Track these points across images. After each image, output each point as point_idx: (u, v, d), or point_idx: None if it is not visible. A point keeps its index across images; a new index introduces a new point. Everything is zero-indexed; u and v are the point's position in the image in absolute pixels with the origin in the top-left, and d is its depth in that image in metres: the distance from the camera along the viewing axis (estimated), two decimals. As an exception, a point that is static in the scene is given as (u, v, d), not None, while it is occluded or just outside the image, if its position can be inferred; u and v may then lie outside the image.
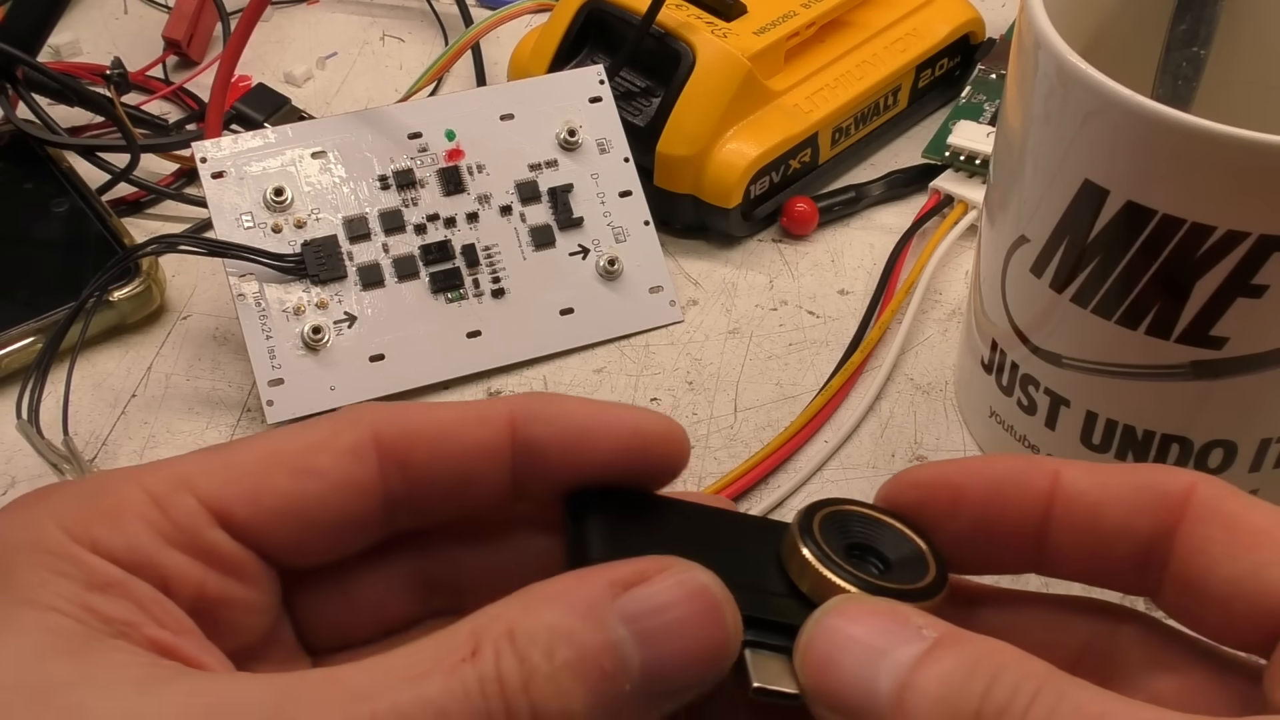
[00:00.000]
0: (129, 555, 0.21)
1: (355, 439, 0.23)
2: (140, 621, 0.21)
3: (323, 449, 0.23)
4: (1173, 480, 0.22)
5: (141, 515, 0.22)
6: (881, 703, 0.20)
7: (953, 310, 0.48)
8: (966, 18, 0.55)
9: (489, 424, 0.23)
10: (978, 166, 0.50)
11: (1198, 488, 0.22)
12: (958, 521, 0.24)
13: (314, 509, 0.23)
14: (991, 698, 0.19)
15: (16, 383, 0.42)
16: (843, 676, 0.20)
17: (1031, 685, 0.19)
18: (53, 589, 0.20)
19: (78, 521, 0.21)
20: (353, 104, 0.57)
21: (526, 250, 0.47)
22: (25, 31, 0.52)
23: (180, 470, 0.22)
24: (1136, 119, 0.32)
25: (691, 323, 0.47)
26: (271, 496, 0.22)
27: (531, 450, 0.23)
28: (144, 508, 0.22)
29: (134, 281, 0.46)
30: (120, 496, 0.22)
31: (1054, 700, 0.19)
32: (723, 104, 0.48)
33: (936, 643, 0.20)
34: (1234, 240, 0.32)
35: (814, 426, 0.43)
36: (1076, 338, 0.36)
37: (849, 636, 0.21)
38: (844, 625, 0.21)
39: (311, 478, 0.23)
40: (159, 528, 0.22)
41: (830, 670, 0.21)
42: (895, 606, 0.21)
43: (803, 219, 0.50)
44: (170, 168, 0.53)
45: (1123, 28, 0.40)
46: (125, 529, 0.21)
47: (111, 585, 0.21)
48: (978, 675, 0.20)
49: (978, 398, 0.42)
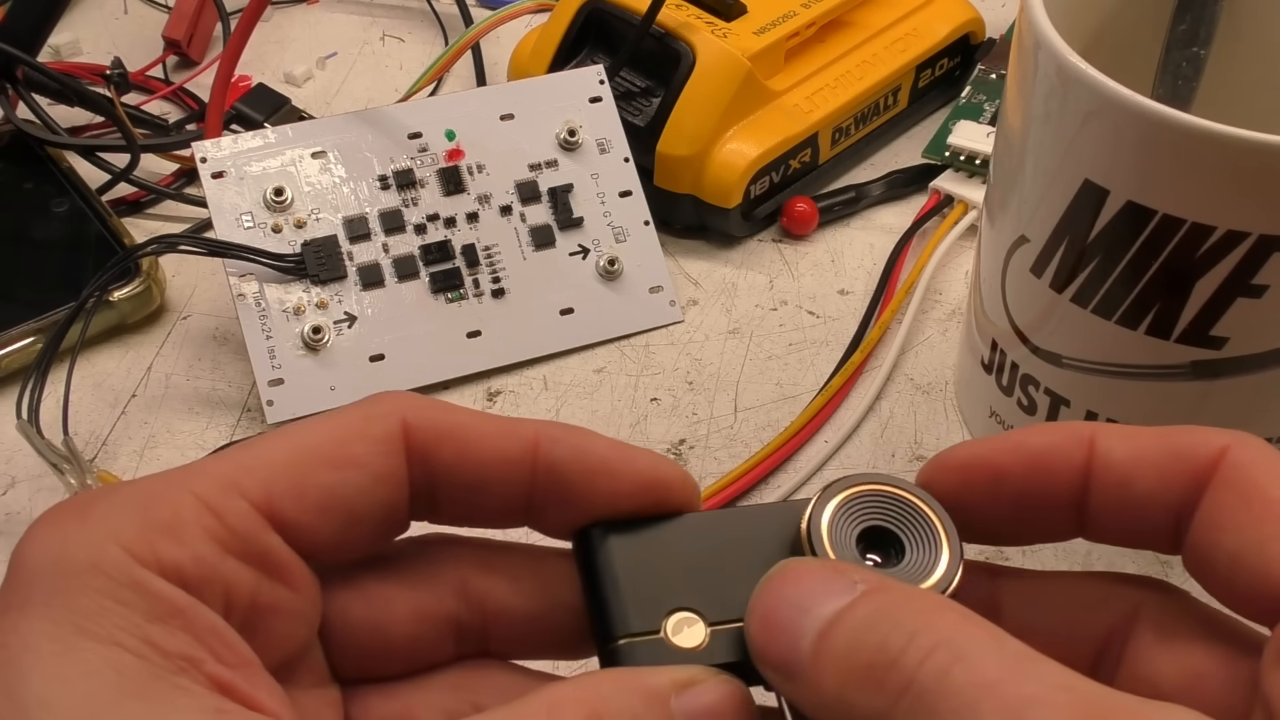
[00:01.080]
0: (195, 569, 0.21)
1: (386, 428, 0.23)
2: (201, 657, 0.20)
3: (358, 438, 0.23)
4: (1205, 444, 0.22)
5: (201, 524, 0.21)
6: (804, 656, 0.20)
7: (953, 310, 0.48)
8: (966, 18, 0.55)
9: (514, 438, 0.23)
10: (978, 166, 0.50)
11: (1230, 451, 0.22)
12: (999, 503, 0.24)
13: (355, 501, 0.23)
14: (885, 646, 0.19)
15: (16, 383, 0.42)
16: (776, 635, 0.21)
17: (929, 638, 0.19)
18: (114, 620, 0.19)
19: (139, 537, 0.20)
20: (353, 104, 0.57)
21: (526, 250, 0.47)
22: (25, 31, 0.52)
23: (225, 471, 0.22)
24: (1136, 119, 0.32)
25: (691, 323, 0.47)
26: (315, 491, 0.22)
27: (552, 473, 0.23)
28: (201, 516, 0.21)
29: (134, 281, 0.46)
30: (176, 505, 0.21)
31: (948, 660, 0.19)
32: (723, 104, 0.48)
33: (861, 595, 0.20)
34: (1234, 240, 0.32)
35: (814, 426, 0.43)
36: (1076, 338, 0.36)
37: (782, 597, 0.21)
38: (781, 586, 0.21)
39: (352, 469, 0.22)
40: (218, 536, 0.21)
41: (766, 630, 0.21)
42: (839, 566, 0.21)
43: (803, 219, 0.50)
44: (170, 168, 0.53)
45: (1123, 28, 0.40)
46: (188, 541, 0.21)
47: (173, 615, 0.20)
48: (880, 624, 0.20)
49: (978, 398, 0.42)
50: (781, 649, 0.21)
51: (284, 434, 0.23)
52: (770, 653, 0.21)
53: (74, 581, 0.20)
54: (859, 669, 0.19)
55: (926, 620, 0.19)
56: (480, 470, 0.23)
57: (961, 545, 0.24)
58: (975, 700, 0.18)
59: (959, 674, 0.19)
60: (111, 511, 0.21)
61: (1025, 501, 0.23)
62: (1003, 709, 0.18)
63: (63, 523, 0.21)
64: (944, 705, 0.18)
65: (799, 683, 0.20)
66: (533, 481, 0.24)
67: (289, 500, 0.22)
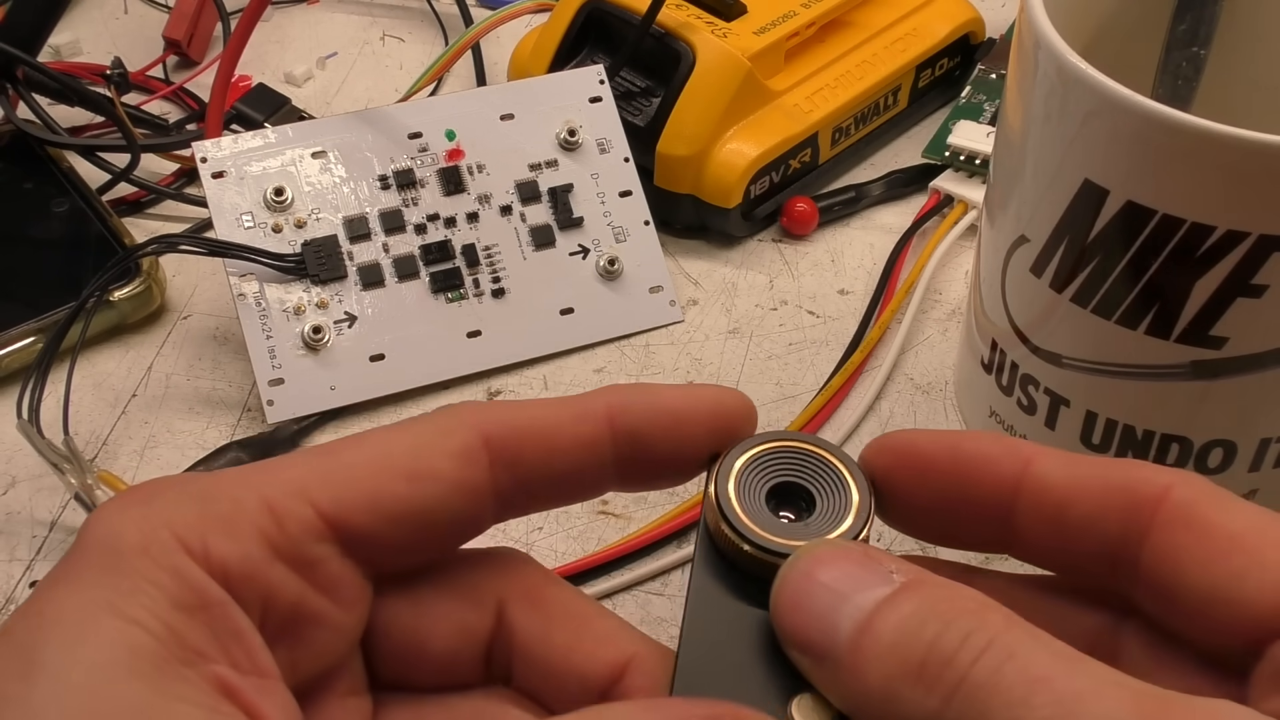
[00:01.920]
0: (240, 567, 0.21)
1: (464, 440, 0.23)
2: (213, 655, 0.20)
3: (434, 451, 0.23)
4: (1149, 480, 0.22)
5: (257, 525, 0.21)
6: (842, 645, 0.20)
7: (953, 310, 0.48)
8: (966, 18, 0.55)
9: (589, 419, 0.24)
10: (978, 166, 0.50)
11: (1173, 490, 0.22)
12: (921, 492, 0.24)
13: (429, 513, 0.23)
14: (939, 646, 0.19)
15: (16, 383, 0.42)
16: (809, 618, 0.21)
17: (982, 637, 0.19)
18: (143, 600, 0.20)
19: (193, 526, 0.21)
20: (353, 104, 0.57)
21: (526, 250, 0.47)
22: (25, 31, 0.52)
23: (298, 477, 0.22)
24: (1136, 119, 0.32)
25: (691, 323, 0.47)
26: (390, 502, 0.22)
27: (632, 439, 0.24)
28: (260, 517, 0.21)
29: (134, 281, 0.46)
30: (238, 502, 0.21)
31: (1001, 657, 0.19)
32: (723, 104, 0.48)
33: (902, 587, 0.20)
34: (1234, 240, 0.32)
35: (814, 426, 0.43)
36: (1076, 338, 0.36)
37: (817, 581, 0.21)
38: (814, 569, 0.21)
39: (428, 482, 0.23)
40: (272, 539, 0.21)
41: (798, 612, 0.21)
42: (868, 550, 0.21)
43: (803, 219, 0.50)
44: (170, 168, 0.53)
45: (1123, 28, 0.40)
46: (240, 539, 0.21)
47: (201, 608, 0.20)
48: (931, 621, 0.20)
49: (978, 398, 0.42)
50: (815, 633, 0.21)
51: (362, 442, 0.23)
52: (802, 636, 0.21)
53: (120, 560, 0.20)
54: (911, 665, 0.19)
55: (978, 619, 0.20)
56: (567, 462, 0.24)
57: (872, 493, 0.24)
58: (1027, 695, 0.18)
59: (1011, 670, 0.19)
60: (176, 499, 0.21)
61: (947, 500, 0.24)
62: (1055, 702, 0.18)
63: (129, 505, 0.21)
64: (996, 700, 0.19)
65: (835, 670, 0.20)
66: (615, 453, 0.24)
67: (361, 511, 0.22)
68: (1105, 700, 0.18)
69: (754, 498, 0.24)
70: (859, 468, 0.24)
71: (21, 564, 0.40)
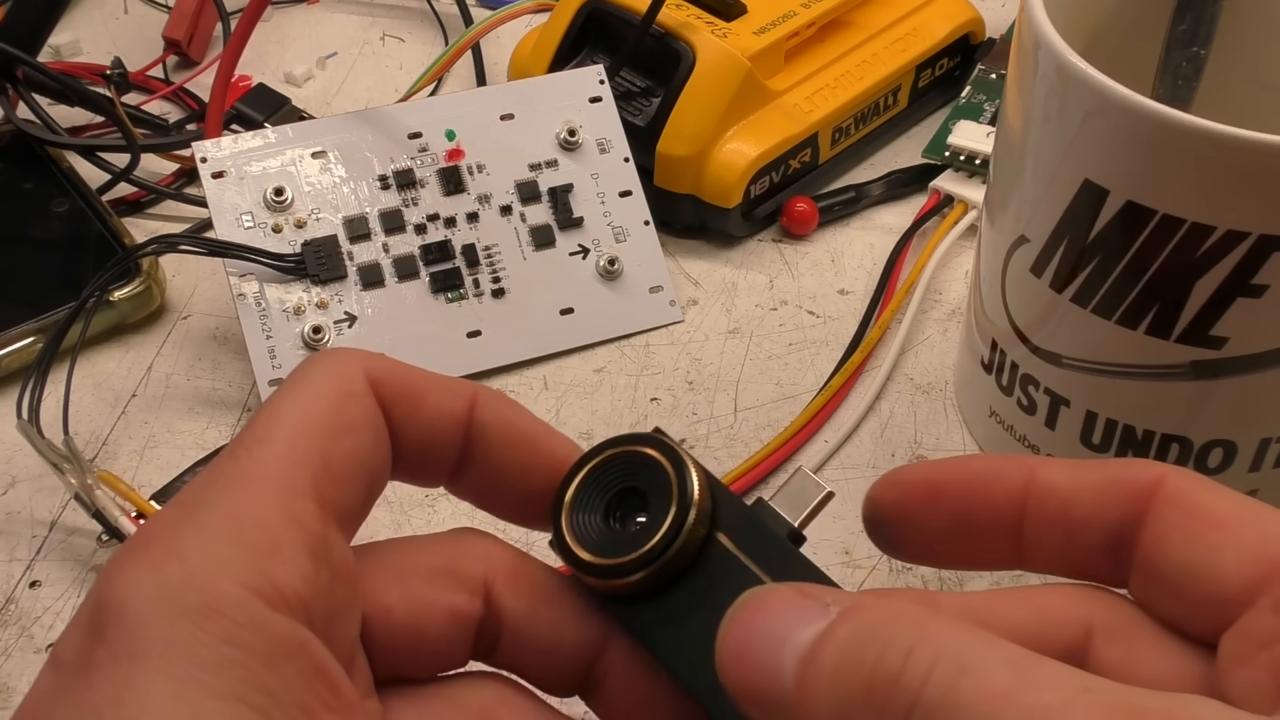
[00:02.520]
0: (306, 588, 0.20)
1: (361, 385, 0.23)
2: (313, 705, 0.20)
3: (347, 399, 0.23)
4: (1143, 472, 0.22)
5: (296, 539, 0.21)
6: (788, 687, 0.19)
7: (953, 310, 0.48)
8: (966, 18, 0.55)
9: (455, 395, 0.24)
10: (978, 166, 0.50)
11: (1167, 478, 0.22)
12: (936, 516, 0.24)
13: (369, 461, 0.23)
14: (882, 666, 0.18)
15: (16, 383, 0.42)
16: (752, 669, 0.20)
17: (927, 652, 0.18)
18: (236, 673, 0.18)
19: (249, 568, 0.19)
20: (353, 104, 0.57)
21: (526, 250, 0.47)
22: (25, 31, 0.52)
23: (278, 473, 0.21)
24: (1136, 119, 0.32)
25: (691, 323, 0.47)
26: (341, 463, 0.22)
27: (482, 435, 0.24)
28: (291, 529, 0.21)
29: (134, 281, 0.46)
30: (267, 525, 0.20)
31: (953, 672, 0.18)
32: (723, 104, 0.48)
33: (839, 615, 0.20)
34: (1234, 240, 0.32)
35: (814, 426, 0.43)
36: (1076, 338, 0.36)
37: (756, 629, 0.20)
38: (751, 618, 0.21)
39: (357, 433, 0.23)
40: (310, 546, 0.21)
41: (742, 665, 0.20)
42: (801, 589, 0.21)
43: (803, 219, 0.50)
44: (170, 168, 0.53)
45: (1123, 28, 0.40)
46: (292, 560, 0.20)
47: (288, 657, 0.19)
48: (870, 642, 0.19)
49: (978, 398, 0.42)
50: (761, 683, 0.20)
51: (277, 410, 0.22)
52: (749, 688, 0.20)
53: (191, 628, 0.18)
54: (856, 692, 0.19)
55: (919, 633, 0.19)
56: (427, 424, 0.24)
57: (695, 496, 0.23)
58: (993, 713, 0.17)
59: (968, 686, 0.18)
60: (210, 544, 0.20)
61: (961, 520, 0.24)
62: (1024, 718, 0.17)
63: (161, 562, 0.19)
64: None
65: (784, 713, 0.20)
66: (466, 441, 0.24)
67: (327, 482, 0.22)
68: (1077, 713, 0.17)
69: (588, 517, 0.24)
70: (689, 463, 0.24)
71: (21, 564, 0.40)
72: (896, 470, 0.25)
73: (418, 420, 0.24)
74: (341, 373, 0.23)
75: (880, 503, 0.25)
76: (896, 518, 0.24)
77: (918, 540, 0.24)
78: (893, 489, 0.25)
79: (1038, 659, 0.18)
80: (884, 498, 0.25)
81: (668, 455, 0.24)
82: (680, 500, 0.23)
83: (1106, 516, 0.23)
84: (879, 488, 0.25)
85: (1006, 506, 0.23)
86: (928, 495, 0.24)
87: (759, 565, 0.23)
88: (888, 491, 0.25)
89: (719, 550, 0.23)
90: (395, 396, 0.24)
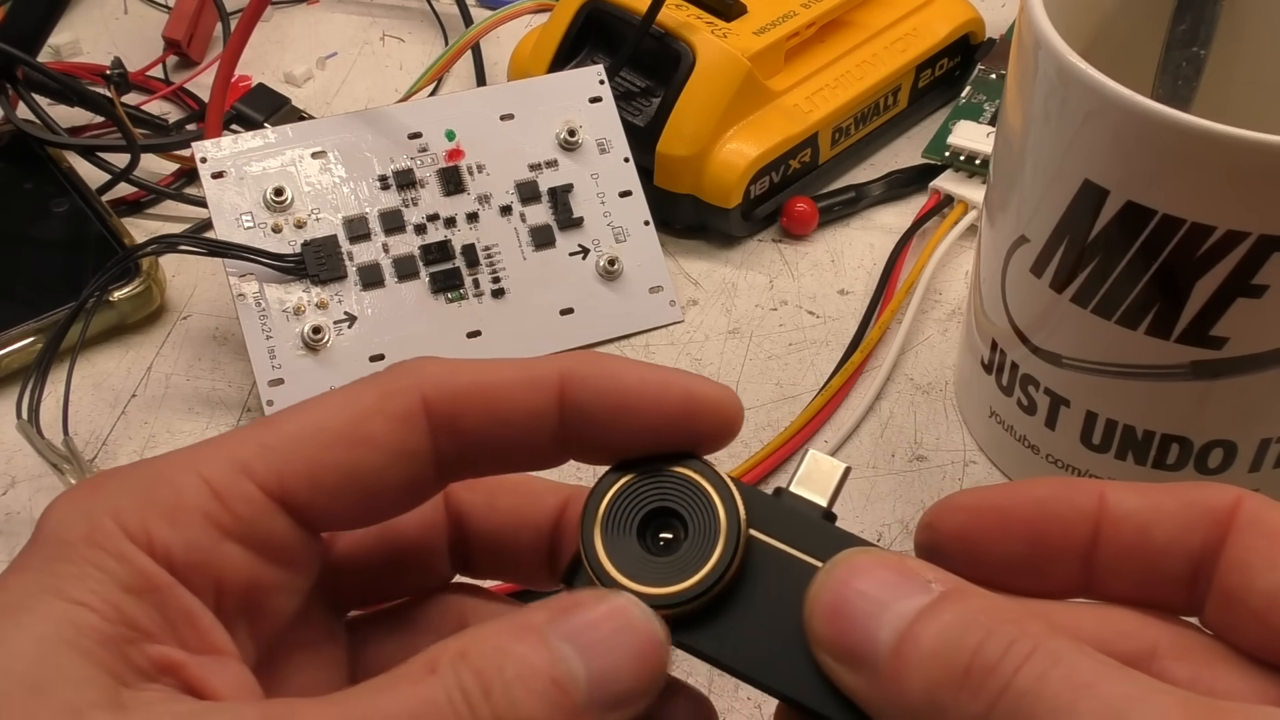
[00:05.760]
0: (186, 554, 0.21)
1: (403, 404, 0.23)
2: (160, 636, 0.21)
3: (374, 416, 0.22)
4: (1219, 496, 0.22)
5: (201, 509, 0.21)
6: (882, 653, 0.20)
7: (953, 310, 0.48)
8: (966, 18, 0.55)
9: (539, 387, 0.23)
10: (978, 166, 0.50)
11: (1244, 502, 0.22)
12: (1008, 544, 0.23)
13: (372, 479, 0.23)
14: (983, 654, 0.19)
15: (16, 383, 0.42)
16: (847, 626, 0.21)
17: (1026, 645, 0.19)
18: (89, 584, 0.20)
19: (136, 515, 0.21)
20: (353, 104, 0.57)
21: (526, 250, 0.47)
22: (25, 31, 0.52)
23: (237, 453, 0.22)
24: (1136, 119, 0.32)
25: (691, 323, 0.47)
26: (329, 471, 0.22)
27: (579, 415, 0.23)
28: (203, 500, 0.21)
29: (134, 281, 0.46)
30: (179, 488, 0.21)
31: (1046, 664, 0.19)
32: (723, 104, 0.48)
33: (942, 596, 0.20)
34: (1234, 240, 0.32)
35: (814, 426, 0.43)
36: (1076, 338, 0.36)
37: (855, 589, 0.21)
38: (851, 578, 0.21)
39: (366, 448, 0.22)
40: (218, 521, 0.21)
41: (837, 619, 0.21)
42: (905, 560, 0.21)
43: (803, 219, 0.50)
44: (170, 168, 0.53)
45: (1123, 28, 0.40)
46: (184, 525, 0.21)
47: (148, 590, 0.21)
48: (973, 630, 0.20)
49: (978, 398, 0.42)
50: (854, 641, 0.21)
51: (300, 412, 0.23)
52: (841, 643, 0.21)
53: (68, 549, 0.21)
54: (954, 673, 0.19)
55: (1021, 627, 0.20)
56: (511, 429, 0.23)
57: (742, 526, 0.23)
58: (1073, 701, 0.18)
59: (1055, 677, 0.19)
60: (119, 489, 0.21)
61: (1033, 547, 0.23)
62: (1102, 708, 0.18)
63: (77, 497, 0.21)
64: (1041, 707, 0.19)
65: (874, 677, 0.20)
66: (562, 426, 0.23)
67: (302, 482, 0.22)
68: (1152, 705, 0.18)
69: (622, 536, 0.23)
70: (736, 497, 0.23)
71: (21, 564, 0.40)
72: (955, 496, 0.24)
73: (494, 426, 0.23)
74: (390, 389, 0.23)
75: (942, 532, 0.24)
76: (961, 548, 0.23)
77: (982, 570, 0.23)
78: (955, 515, 0.24)
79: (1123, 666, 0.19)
80: (946, 526, 0.24)
81: (697, 470, 0.23)
82: (729, 517, 0.23)
83: (1189, 543, 0.22)
84: (938, 514, 0.24)
85: (1080, 532, 0.23)
86: (997, 522, 0.23)
87: (806, 552, 0.23)
88: (950, 518, 0.24)
89: (761, 548, 0.23)
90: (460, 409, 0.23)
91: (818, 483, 0.24)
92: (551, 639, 0.21)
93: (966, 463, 0.42)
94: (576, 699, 0.20)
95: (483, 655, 0.20)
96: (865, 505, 0.41)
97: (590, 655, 0.21)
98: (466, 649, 0.20)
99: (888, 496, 0.42)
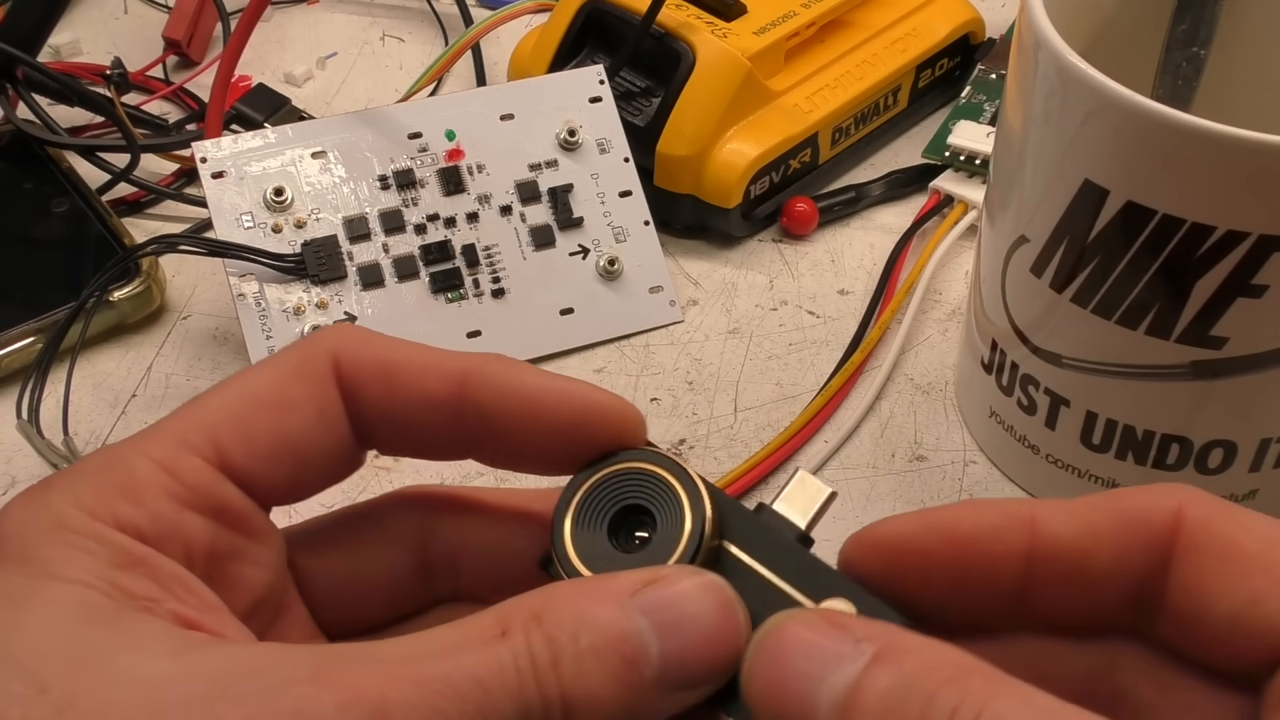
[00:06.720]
0: (154, 527, 0.21)
1: (319, 369, 0.23)
2: (164, 598, 0.21)
3: (295, 380, 0.23)
4: (1158, 505, 0.21)
5: (157, 484, 0.22)
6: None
7: (953, 310, 0.48)
8: (966, 18, 0.55)
9: (439, 376, 0.24)
10: (978, 166, 0.50)
11: (1185, 511, 0.21)
12: (930, 589, 0.23)
13: (301, 443, 0.23)
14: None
15: (16, 383, 0.42)
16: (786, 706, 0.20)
17: (970, 710, 0.18)
18: (79, 565, 0.20)
19: (96, 500, 0.21)
20: (353, 104, 0.57)
21: (526, 250, 0.47)
22: (25, 31, 0.52)
23: (176, 429, 0.22)
24: (1136, 119, 0.32)
25: (691, 323, 0.47)
26: (261, 435, 0.23)
27: (478, 413, 0.24)
28: (156, 476, 0.22)
29: (134, 281, 0.46)
30: (131, 469, 0.22)
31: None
32: (723, 104, 0.48)
33: (874, 657, 0.19)
34: (1234, 240, 0.32)
35: (814, 426, 0.43)
36: (1076, 338, 0.36)
37: (788, 666, 0.20)
38: (780, 654, 0.20)
39: (291, 412, 0.23)
40: (175, 493, 0.22)
41: (774, 701, 0.20)
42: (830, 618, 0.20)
43: (803, 219, 0.50)
44: (170, 168, 0.53)
45: (1123, 28, 0.40)
46: (144, 501, 0.21)
47: (136, 563, 0.21)
48: (913, 696, 0.19)
49: (978, 398, 0.42)
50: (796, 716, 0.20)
51: (229, 384, 0.23)
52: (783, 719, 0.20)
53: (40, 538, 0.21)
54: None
55: (961, 688, 0.19)
56: (402, 408, 0.24)
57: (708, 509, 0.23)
58: None
59: None
60: (73, 481, 0.22)
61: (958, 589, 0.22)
62: None
63: (32, 496, 0.22)
64: None
65: None
66: (459, 420, 0.24)
67: (237, 450, 0.22)
68: None
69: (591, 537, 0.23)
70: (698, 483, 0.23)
71: (21, 564, 0.40)
72: (872, 529, 0.23)
73: (393, 402, 0.24)
74: (306, 352, 0.23)
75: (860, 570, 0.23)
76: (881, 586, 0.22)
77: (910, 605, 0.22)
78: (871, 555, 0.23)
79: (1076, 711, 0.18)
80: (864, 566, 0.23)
81: (668, 468, 0.24)
82: (695, 515, 0.23)
83: (1131, 564, 0.21)
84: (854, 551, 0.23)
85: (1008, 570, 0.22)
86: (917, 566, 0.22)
87: (774, 572, 0.23)
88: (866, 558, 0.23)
89: (730, 560, 0.23)
90: (364, 378, 0.23)
91: (800, 504, 0.24)
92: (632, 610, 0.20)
93: (966, 463, 0.42)
94: (646, 677, 0.20)
95: (558, 622, 0.20)
96: (865, 505, 0.41)
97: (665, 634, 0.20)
98: (542, 612, 0.20)
99: (888, 497, 0.42)
